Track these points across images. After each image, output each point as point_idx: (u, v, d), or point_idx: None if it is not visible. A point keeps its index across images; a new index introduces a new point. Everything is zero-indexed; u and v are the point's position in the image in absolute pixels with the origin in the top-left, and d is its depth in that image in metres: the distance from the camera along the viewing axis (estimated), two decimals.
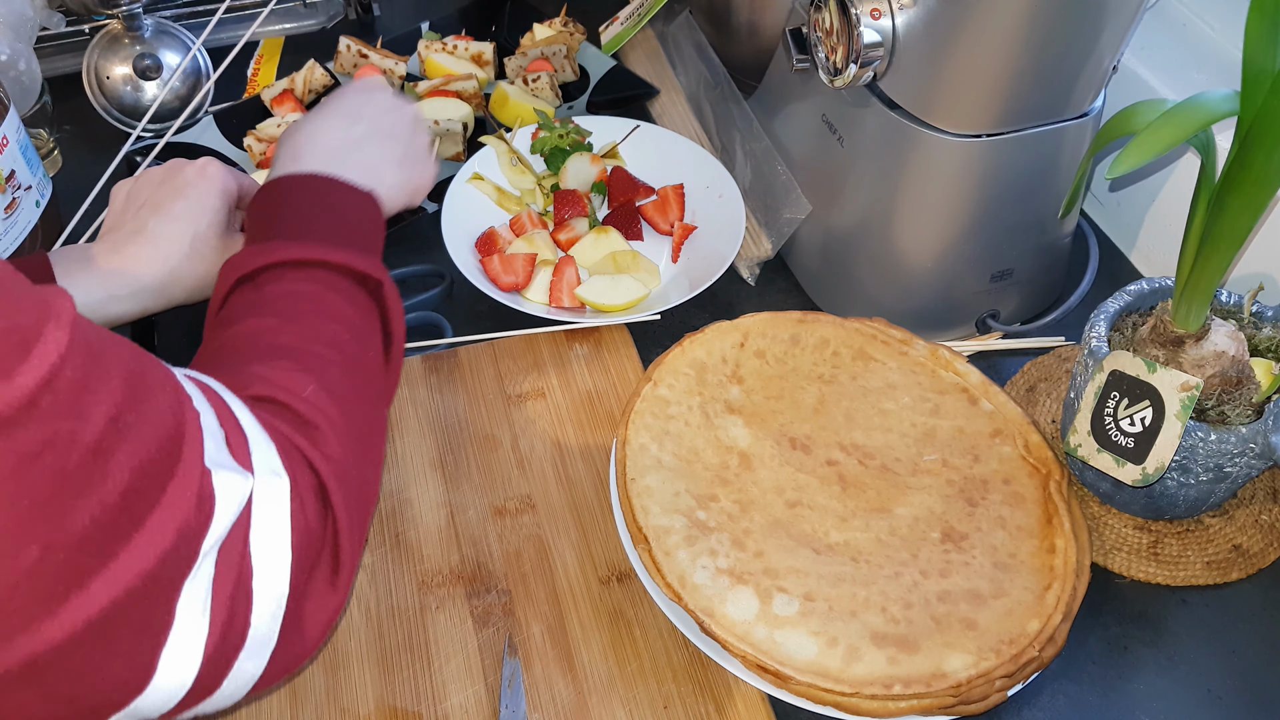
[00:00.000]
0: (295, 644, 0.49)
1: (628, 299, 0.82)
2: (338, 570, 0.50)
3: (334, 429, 0.53)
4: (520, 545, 0.70)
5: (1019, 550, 0.65)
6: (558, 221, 0.88)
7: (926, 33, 0.69)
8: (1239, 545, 0.70)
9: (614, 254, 0.85)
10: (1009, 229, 0.78)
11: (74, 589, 0.37)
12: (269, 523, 0.46)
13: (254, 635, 0.46)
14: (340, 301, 0.60)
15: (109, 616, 0.38)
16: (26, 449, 0.35)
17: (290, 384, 0.53)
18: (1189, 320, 0.65)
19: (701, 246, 0.87)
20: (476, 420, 0.77)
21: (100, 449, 0.37)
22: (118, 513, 0.38)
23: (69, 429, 0.36)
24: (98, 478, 0.37)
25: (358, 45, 1.02)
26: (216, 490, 0.43)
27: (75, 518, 0.37)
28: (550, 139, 0.92)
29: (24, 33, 0.93)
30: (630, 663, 0.64)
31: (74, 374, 0.36)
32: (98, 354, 0.39)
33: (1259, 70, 0.56)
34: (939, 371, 0.74)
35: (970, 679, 0.58)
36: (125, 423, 0.38)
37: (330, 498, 0.50)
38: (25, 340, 0.35)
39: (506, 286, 0.83)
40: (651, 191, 0.91)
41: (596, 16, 1.09)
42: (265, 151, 0.93)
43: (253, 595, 0.45)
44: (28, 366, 0.35)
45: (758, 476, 0.69)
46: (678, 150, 0.93)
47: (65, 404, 0.36)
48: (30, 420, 0.35)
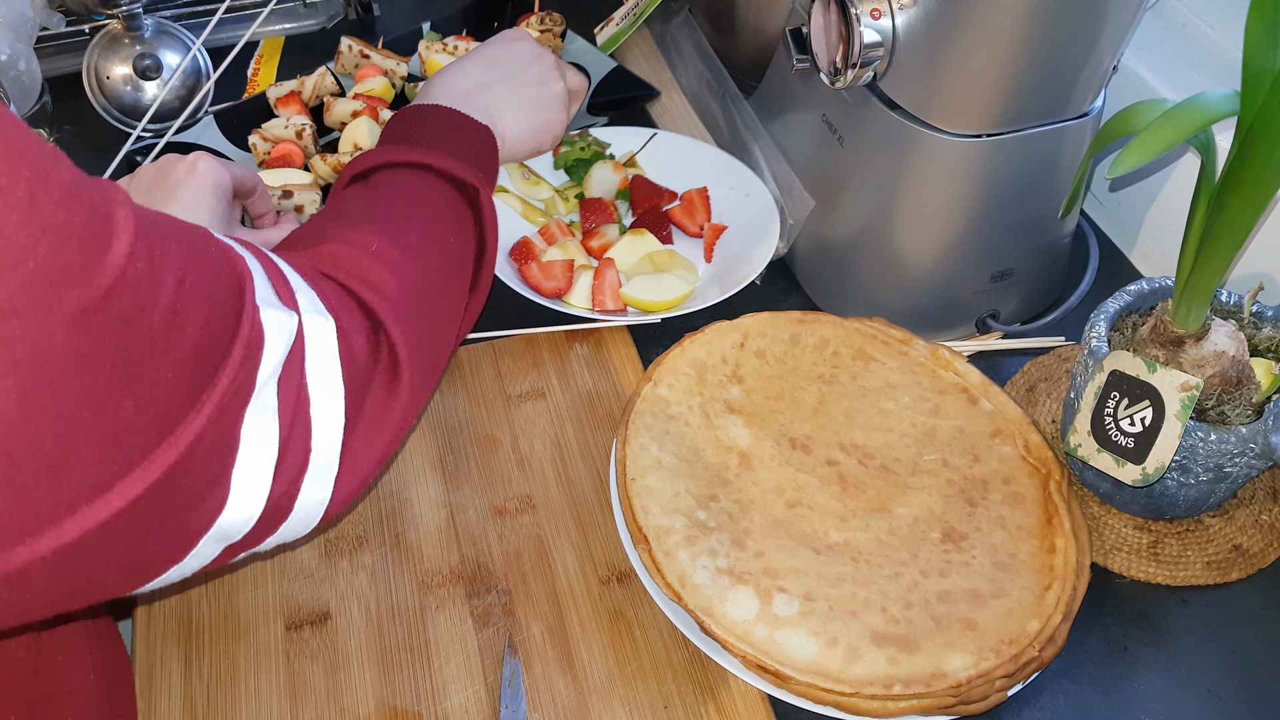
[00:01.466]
0: (356, 470, 0.53)
1: (674, 296, 0.83)
2: (393, 401, 0.55)
3: (397, 275, 0.58)
4: (520, 545, 0.70)
5: (1019, 550, 0.65)
6: (586, 230, 0.88)
7: (926, 33, 0.69)
8: (1239, 545, 0.70)
9: (651, 255, 0.85)
10: (1009, 229, 0.78)
11: (164, 435, 0.41)
12: (319, 358, 0.50)
13: (316, 461, 0.50)
14: (437, 197, 0.67)
15: (190, 453, 0.42)
16: (121, 315, 0.38)
17: (361, 239, 0.59)
18: (1189, 320, 0.65)
19: (734, 246, 0.87)
20: (476, 420, 0.77)
21: (175, 308, 0.41)
22: (195, 364, 0.42)
23: (149, 293, 0.40)
24: (175, 334, 0.41)
25: (359, 45, 1.02)
26: (265, 326, 0.46)
27: (161, 373, 0.40)
28: (572, 152, 0.92)
29: (24, 33, 0.93)
30: (630, 663, 0.64)
31: (145, 244, 0.40)
32: (155, 223, 0.42)
33: (1259, 70, 0.56)
34: (939, 371, 0.74)
35: (970, 679, 0.58)
36: (191, 282, 0.42)
37: (387, 332, 0.55)
38: (109, 217, 0.39)
39: (549, 292, 0.83)
40: (675, 196, 0.91)
41: (593, 17, 1.09)
42: (269, 151, 0.93)
43: (311, 423, 0.50)
44: (117, 241, 0.38)
45: (758, 476, 0.69)
46: (695, 154, 0.93)
47: (144, 271, 0.39)
48: (122, 289, 0.38)
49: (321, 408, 0.50)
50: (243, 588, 0.67)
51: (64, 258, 0.36)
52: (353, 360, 0.53)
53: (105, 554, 0.41)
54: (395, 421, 0.55)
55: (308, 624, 0.66)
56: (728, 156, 0.91)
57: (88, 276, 0.37)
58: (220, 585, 0.68)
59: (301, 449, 0.49)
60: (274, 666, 0.64)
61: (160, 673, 0.64)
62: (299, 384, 0.49)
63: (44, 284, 0.35)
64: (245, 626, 0.66)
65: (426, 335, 0.60)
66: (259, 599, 0.67)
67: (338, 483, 0.52)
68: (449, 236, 0.66)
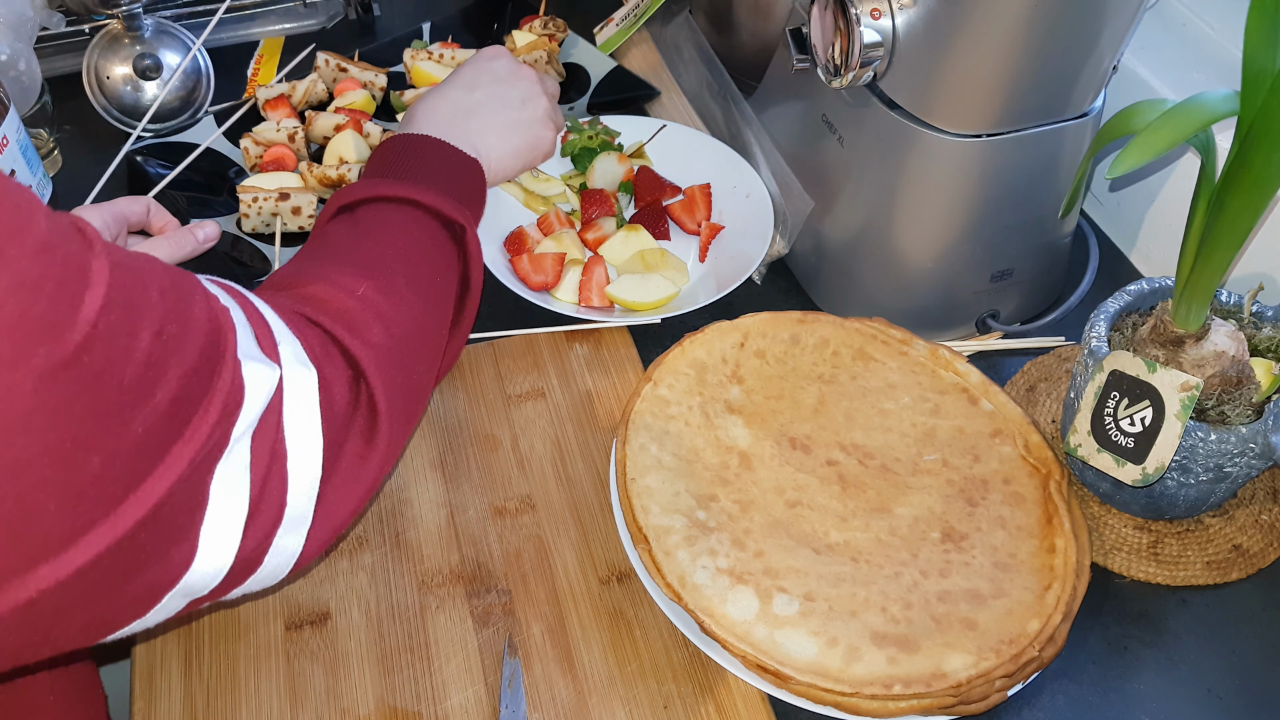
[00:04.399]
0: (330, 521, 0.53)
1: (658, 297, 0.82)
2: (370, 451, 0.54)
3: (382, 321, 0.58)
4: (520, 545, 0.70)
5: (1019, 550, 0.65)
6: (585, 221, 0.88)
7: (926, 33, 0.69)
8: (1239, 545, 0.70)
9: (642, 252, 0.85)
10: (1009, 229, 0.78)
11: (130, 490, 0.40)
12: (298, 410, 0.50)
13: (290, 513, 0.49)
14: (424, 236, 0.67)
15: (158, 509, 0.41)
16: (92, 370, 0.37)
17: (347, 282, 0.59)
18: (1189, 320, 0.65)
19: (729, 247, 0.87)
20: (476, 420, 0.77)
21: (151, 361, 0.40)
22: (168, 419, 0.41)
23: (123, 346, 0.39)
24: (149, 388, 0.40)
25: (336, 59, 1.01)
26: (246, 380, 0.46)
27: (132, 427, 0.39)
28: (580, 140, 0.92)
29: (24, 33, 0.93)
30: (630, 663, 0.64)
31: (121, 294, 0.39)
32: (136, 271, 0.41)
33: (1259, 70, 0.56)
34: (939, 371, 0.74)
35: (970, 679, 0.58)
36: (169, 334, 0.41)
37: (368, 381, 0.55)
38: (84, 268, 0.38)
39: (536, 286, 0.83)
40: (678, 191, 0.91)
41: (592, 17, 1.09)
42: (261, 155, 0.92)
43: (288, 476, 0.49)
44: (91, 293, 0.37)
45: (758, 476, 0.69)
46: (704, 150, 0.93)
47: (119, 324, 0.39)
48: (94, 343, 0.37)
49: (298, 460, 0.49)
50: None
51: (34, 313, 0.35)
52: (332, 411, 0.52)
53: (65, 610, 0.40)
54: (371, 472, 0.55)
55: (308, 624, 0.66)
56: (735, 155, 0.91)
57: (59, 332, 0.36)
58: None
59: (276, 503, 0.48)
60: (274, 666, 0.64)
61: (160, 673, 0.64)
62: (275, 438, 0.48)
63: (12, 341, 0.34)
64: (245, 626, 0.66)
65: (407, 383, 0.59)
66: (259, 599, 0.67)
67: (311, 533, 0.51)
68: (435, 278, 0.65)
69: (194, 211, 0.89)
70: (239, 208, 0.87)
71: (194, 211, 0.89)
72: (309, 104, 1.00)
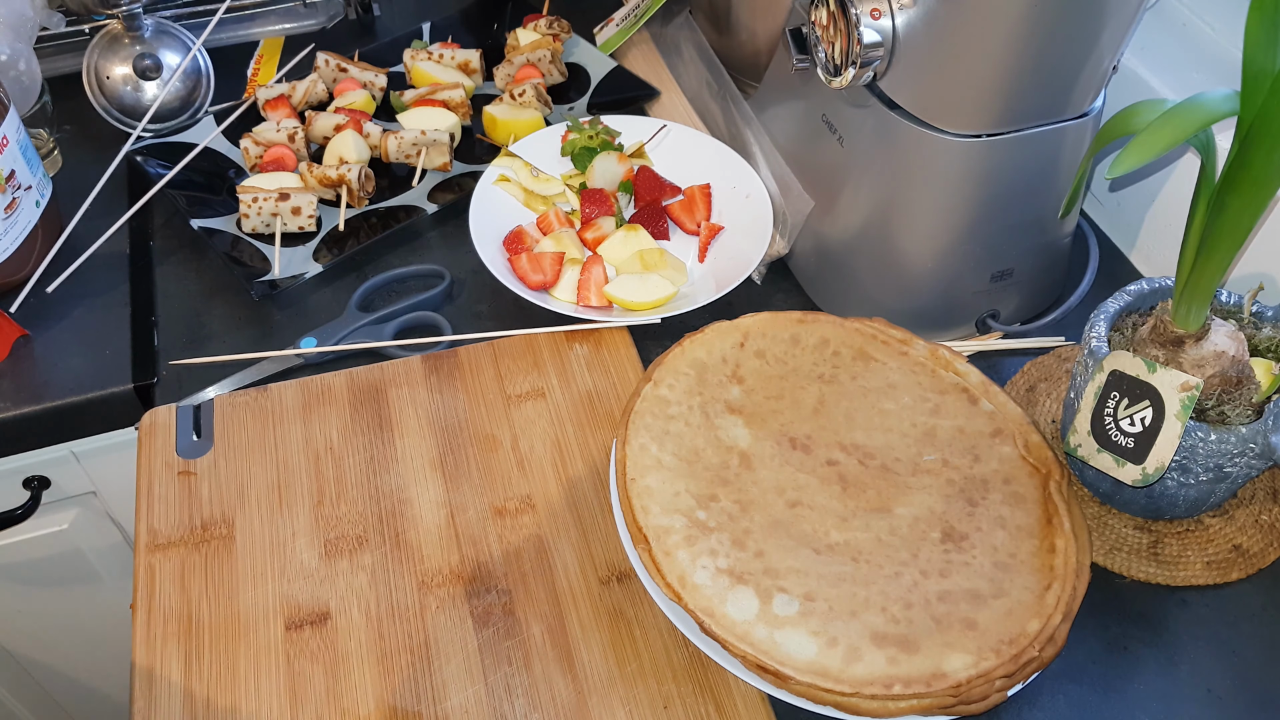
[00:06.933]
0: None
1: (656, 297, 0.82)
2: None
3: None
4: (520, 545, 0.70)
5: (1019, 550, 0.65)
6: (584, 220, 0.88)
7: (926, 33, 0.69)
8: (1239, 545, 0.70)
9: (641, 252, 0.85)
10: (1009, 229, 0.78)
11: None
12: None
13: None
14: None
15: None
16: None
17: None
18: (1189, 320, 0.65)
19: (728, 247, 0.87)
20: (476, 420, 0.77)
21: None
22: None
23: None
24: None
25: (336, 59, 1.01)
26: None
27: None
28: (580, 140, 0.91)
29: (24, 33, 0.93)
30: (630, 663, 0.64)
31: None
32: None
33: (1259, 70, 0.56)
34: (939, 371, 0.74)
35: (970, 679, 0.58)
36: None
37: None
38: None
39: (535, 285, 0.83)
40: (678, 191, 0.91)
41: (592, 16, 1.09)
42: (261, 155, 0.93)
43: None
44: None
45: (758, 476, 0.69)
46: (704, 150, 0.93)
47: None
48: None
49: None
50: (243, 588, 0.67)
51: None
52: None
53: None
54: None
55: (308, 624, 0.66)
56: (734, 155, 0.91)
57: None
58: (220, 585, 0.68)
59: None
60: (274, 666, 0.64)
61: (160, 673, 0.64)
62: None
63: None
64: (245, 626, 0.66)
65: None
66: (259, 599, 0.67)
67: None
68: None
69: (194, 211, 0.89)
70: (239, 208, 0.87)
71: (194, 211, 0.89)
72: (309, 104, 1.00)
